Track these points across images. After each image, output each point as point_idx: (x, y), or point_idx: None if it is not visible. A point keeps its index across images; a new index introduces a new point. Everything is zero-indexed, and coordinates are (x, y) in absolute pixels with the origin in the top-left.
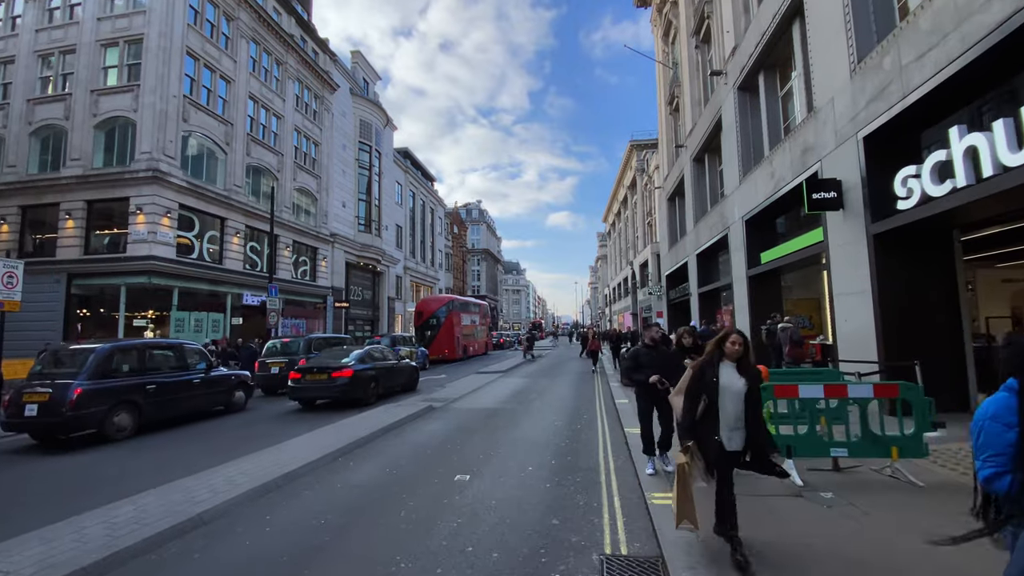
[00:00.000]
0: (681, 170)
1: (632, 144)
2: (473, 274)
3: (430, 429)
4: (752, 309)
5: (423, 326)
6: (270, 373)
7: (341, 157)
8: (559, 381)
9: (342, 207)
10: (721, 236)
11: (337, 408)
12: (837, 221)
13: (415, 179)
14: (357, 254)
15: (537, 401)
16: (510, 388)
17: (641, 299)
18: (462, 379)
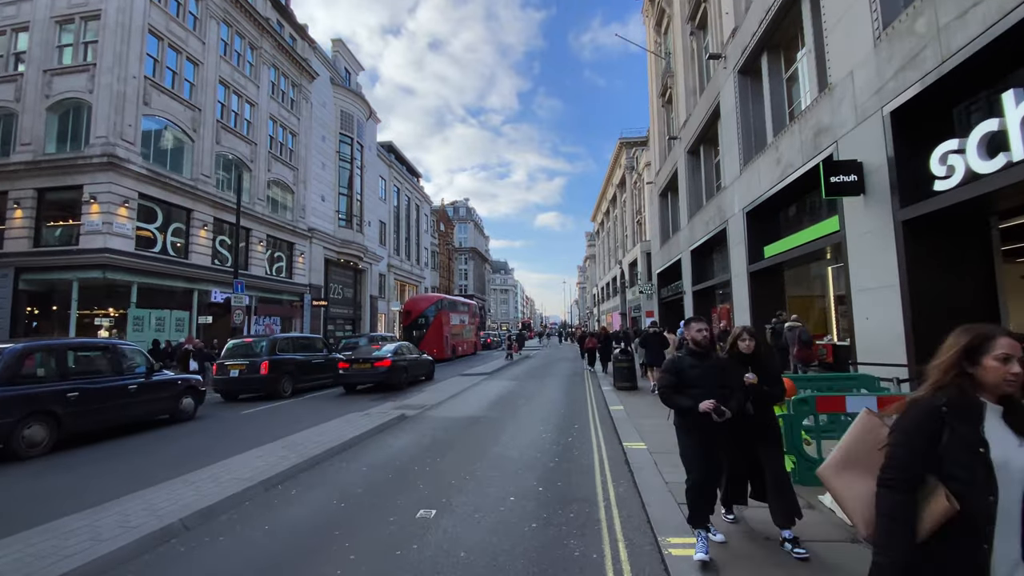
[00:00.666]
0: (674, 164)
1: (622, 142)
2: (460, 273)
3: (398, 445)
4: (753, 307)
5: (411, 325)
6: (229, 376)
7: (321, 149)
8: (548, 384)
9: (321, 201)
10: (718, 230)
11: (300, 417)
12: (857, 208)
13: (400, 174)
14: (337, 250)
15: (524, 407)
16: (495, 392)
17: (630, 298)
18: (444, 381)
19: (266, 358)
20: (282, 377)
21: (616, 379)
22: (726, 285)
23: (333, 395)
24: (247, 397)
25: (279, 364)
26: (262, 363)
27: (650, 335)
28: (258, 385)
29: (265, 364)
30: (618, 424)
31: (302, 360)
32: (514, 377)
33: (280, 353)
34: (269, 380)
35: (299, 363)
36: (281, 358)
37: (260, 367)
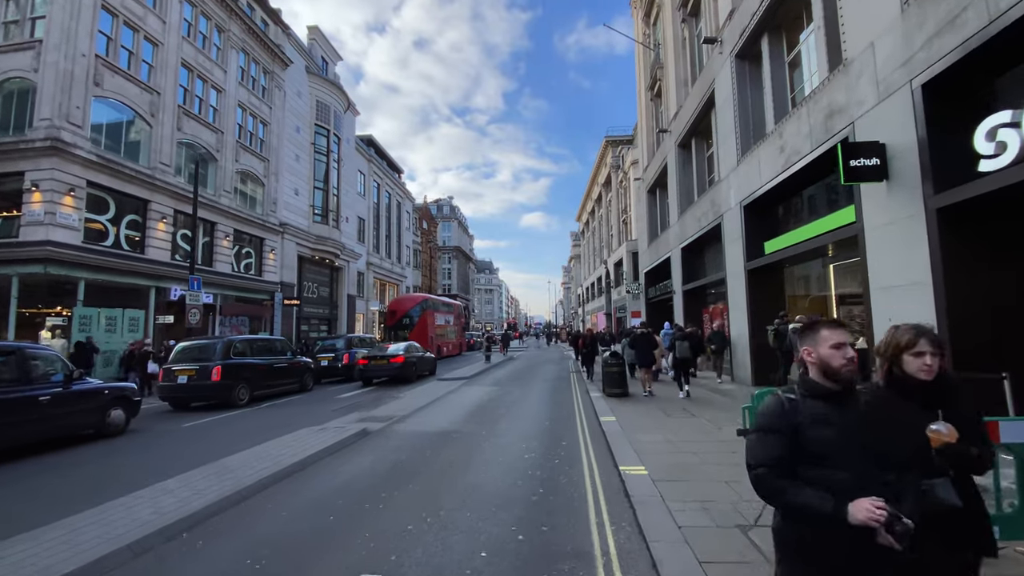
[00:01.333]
0: (664, 158)
1: (607, 140)
2: (444, 272)
3: (350, 471)
4: (752, 308)
5: (396, 325)
6: (176, 383)
7: (295, 140)
8: (532, 389)
9: (295, 195)
10: (712, 226)
11: (248, 432)
12: (878, 196)
13: (380, 169)
14: (312, 247)
15: (504, 419)
16: (474, 400)
17: (615, 299)
18: (419, 386)
19: (219, 363)
20: (238, 384)
21: (606, 385)
22: (719, 284)
23: (296, 403)
24: (199, 406)
25: (234, 369)
26: (214, 368)
27: (639, 335)
28: (209, 393)
29: (218, 369)
30: (612, 441)
31: (262, 364)
32: (496, 382)
33: (236, 357)
34: (222, 387)
35: (258, 368)
36: (237, 362)
37: (212, 372)
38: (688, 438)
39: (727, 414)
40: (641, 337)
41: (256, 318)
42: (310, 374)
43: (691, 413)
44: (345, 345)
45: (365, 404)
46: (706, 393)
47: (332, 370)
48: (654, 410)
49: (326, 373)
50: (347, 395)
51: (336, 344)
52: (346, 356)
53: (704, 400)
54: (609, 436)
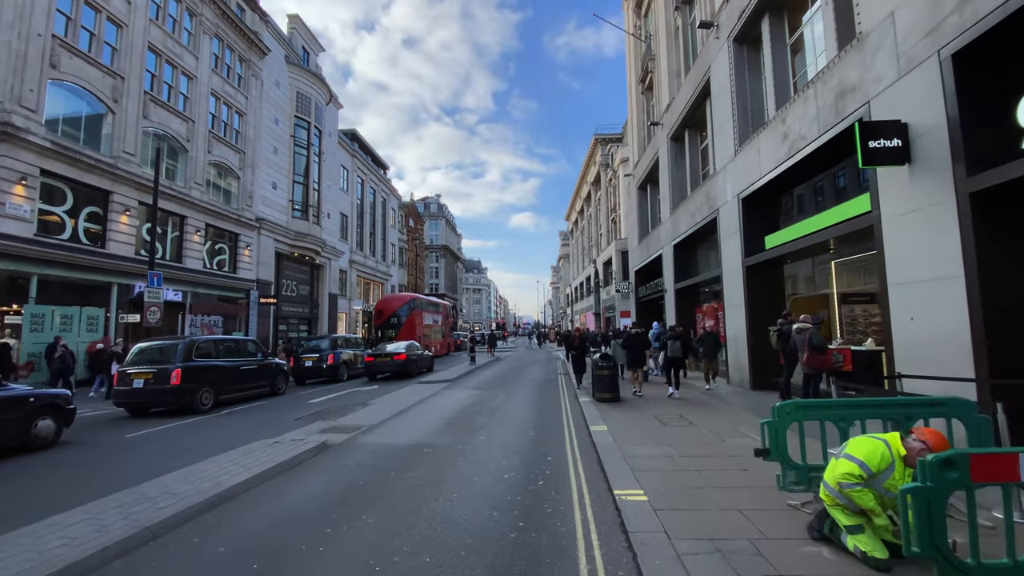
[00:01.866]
0: (655, 152)
1: (597, 138)
2: (431, 271)
3: (295, 498)
4: (750, 306)
5: (383, 325)
6: (132, 387)
7: (273, 132)
8: (516, 394)
9: (272, 189)
10: (707, 221)
11: (195, 445)
12: (899, 181)
13: (364, 164)
14: (290, 243)
15: (484, 429)
16: (453, 406)
17: (604, 298)
18: (397, 391)
19: (179, 365)
20: (200, 388)
21: (596, 389)
22: (714, 282)
23: (262, 409)
24: (158, 412)
25: (196, 372)
26: (173, 371)
27: (632, 335)
28: (168, 397)
29: (177, 372)
30: (604, 456)
31: (227, 367)
32: (478, 385)
33: (199, 359)
34: (181, 391)
35: (223, 370)
36: (199, 365)
37: (171, 376)
38: (689, 451)
39: (727, 422)
40: (635, 337)
41: (230, 317)
42: (283, 377)
43: (688, 421)
44: (330, 345)
45: (335, 410)
46: (701, 397)
47: (317, 371)
48: (648, 417)
49: (311, 374)
50: (318, 400)
51: (321, 345)
52: (331, 356)
53: (700, 405)
54: (601, 450)
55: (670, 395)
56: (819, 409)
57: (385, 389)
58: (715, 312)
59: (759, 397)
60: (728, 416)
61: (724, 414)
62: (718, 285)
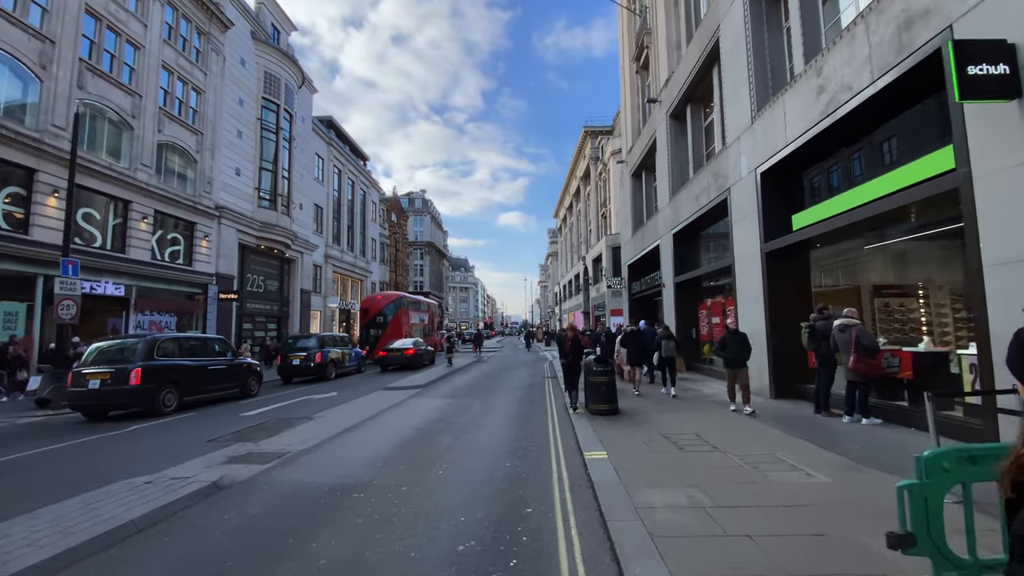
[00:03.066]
0: (652, 134)
1: (586, 130)
2: (415, 269)
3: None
4: (771, 299)
5: (369, 324)
6: (87, 388)
7: (237, 114)
8: (495, 404)
9: (235, 175)
10: (715, 204)
11: (82, 472)
12: (999, 125)
13: (341, 154)
14: (256, 235)
15: (446, 457)
16: (413, 422)
17: (594, 296)
18: (356, 400)
19: (139, 364)
20: (162, 388)
21: (590, 400)
22: (724, 273)
23: (203, 417)
24: (119, 415)
25: (158, 372)
26: (133, 371)
27: (629, 333)
28: (127, 399)
29: (137, 372)
30: (608, 507)
31: (193, 367)
32: (452, 393)
33: (161, 358)
34: (142, 393)
35: (188, 370)
36: (162, 364)
37: (130, 376)
38: (726, 497)
39: (758, 444)
40: (632, 335)
41: (185, 315)
42: (255, 378)
43: (709, 443)
44: (318, 344)
45: (270, 426)
46: (709, 405)
47: (304, 369)
48: (656, 437)
49: (297, 372)
50: (258, 412)
51: (309, 344)
52: (319, 355)
53: (715, 418)
54: (602, 495)
55: (672, 396)
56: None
57: (345, 396)
58: (723, 307)
59: (784, 408)
60: (755, 434)
61: (750, 432)
62: (728, 277)
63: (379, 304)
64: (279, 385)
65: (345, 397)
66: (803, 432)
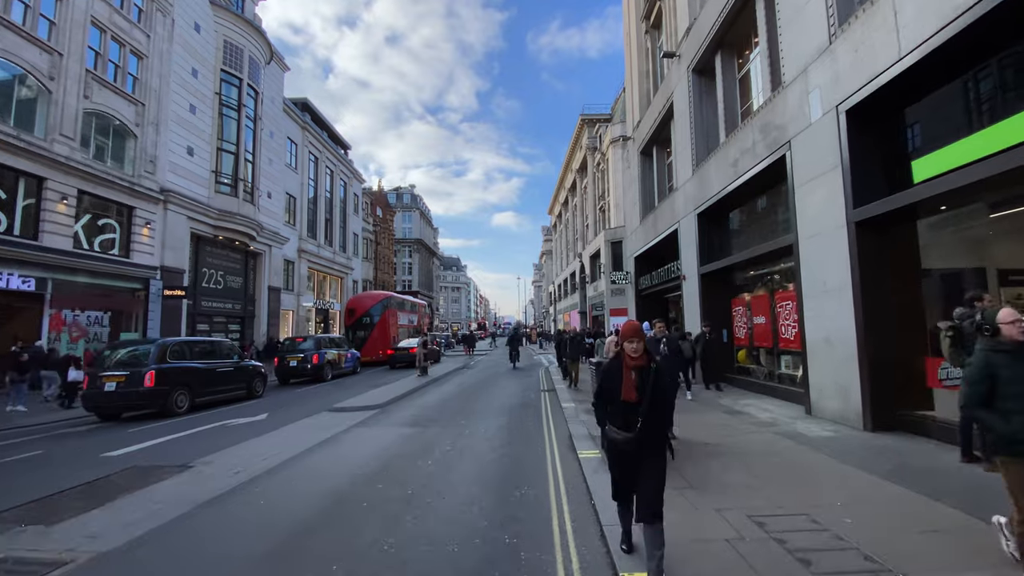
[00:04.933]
0: (667, 99)
1: (583, 118)
2: (404, 267)
3: None
4: (864, 290)
5: (355, 325)
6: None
7: (189, 86)
8: (471, 437)
9: (188, 155)
10: (764, 166)
11: None
12: None
13: (318, 140)
14: (213, 224)
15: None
16: (339, 480)
17: (591, 295)
18: (278, 432)
19: (153, 367)
20: (175, 390)
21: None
22: (774, 259)
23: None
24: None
25: (171, 374)
26: (147, 372)
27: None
28: (143, 400)
29: (151, 374)
30: None
31: (204, 369)
32: (415, 419)
33: (173, 360)
34: (157, 394)
35: (200, 372)
36: (175, 366)
37: (145, 377)
38: None
39: (875, 514)
40: (655, 342)
41: (120, 313)
42: (260, 379)
43: (862, 553)
44: (314, 346)
45: (106, 488)
46: (792, 450)
47: (301, 371)
48: (745, 525)
49: (294, 374)
50: (134, 448)
51: (305, 345)
52: (315, 357)
53: (776, 459)
54: None
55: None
56: None
57: (275, 420)
58: (769, 303)
59: (893, 448)
60: (855, 494)
61: (846, 487)
62: (781, 263)
63: (365, 304)
64: (275, 386)
65: (273, 423)
66: (929, 488)
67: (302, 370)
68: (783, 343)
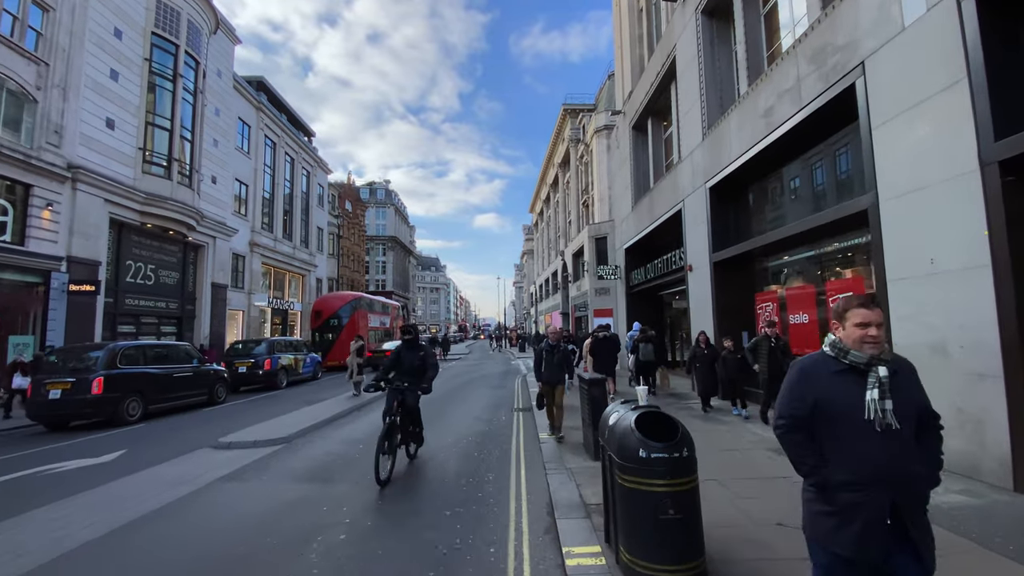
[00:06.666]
0: (667, 57)
1: (566, 108)
2: (378, 265)
3: None
4: (1016, 272)
5: (322, 327)
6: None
7: (110, 47)
8: (394, 516)
9: (108, 129)
10: (819, 104)
11: None
12: None
13: (277, 124)
14: (140, 209)
15: None
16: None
17: (574, 295)
18: (108, 486)
19: (101, 373)
20: (127, 397)
21: (632, 538)
22: (823, 235)
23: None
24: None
25: (122, 380)
26: (95, 379)
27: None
28: (89, 409)
29: (99, 380)
30: None
31: (159, 374)
32: (321, 468)
33: (125, 366)
34: (106, 402)
35: (155, 378)
36: (126, 372)
37: (92, 385)
38: None
39: None
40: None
41: (12, 312)
42: (223, 384)
43: None
44: (267, 350)
45: None
46: None
47: (251, 377)
48: None
49: (244, 380)
50: None
51: (257, 349)
52: (268, 362)
53: None
54: None
55: None
56: None
57: (128, 462)
58: (814, 296)
59: None
60: None
61: None
62: (837, 240)
63: (333, 306)
64: None
65: (122, 467)
66: None
67: (252, 376)
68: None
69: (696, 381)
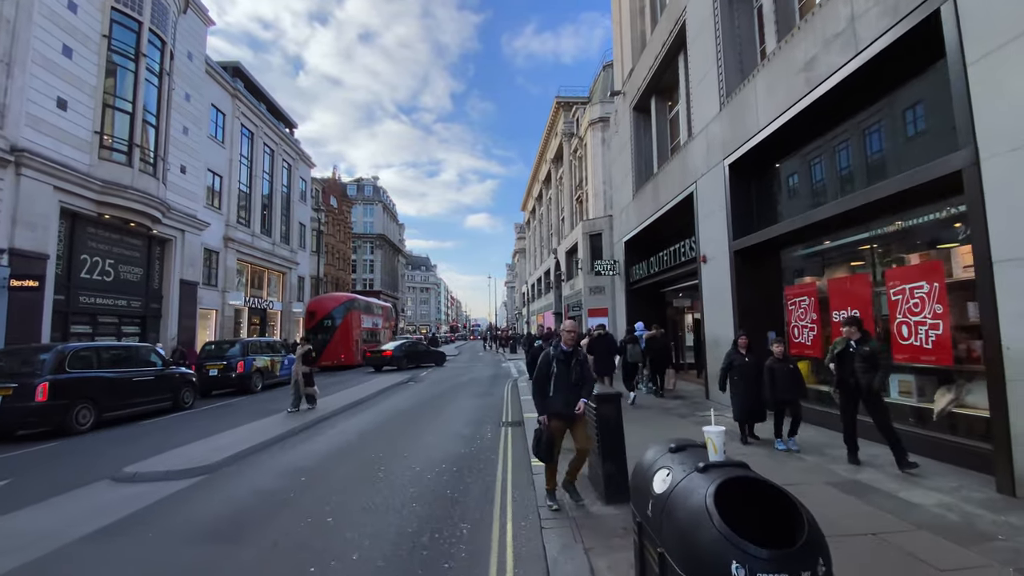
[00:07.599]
0: (674, 23)
1: (559, 101)
2: (365, 264)
3: None
4: None
5: (315, 328)
6: None
7: (62, 21)
8: (341, 556)
9: (59, 109)
10: (889, 40)
11: None
12: None
13: (255, 113)
14: (97, 198)
15: None
16: None
17: (567, 294)
18: None
19: (47, 378)
20: (76, 404)
21: None
22: (885, 211)
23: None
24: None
25: (71, 386)
26: (39, 385)
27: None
28: (33, 418)
29: (44, 386)
30: None
31: (115, 378)
32: (242, 511)
33: (74, 370)
34: (51, 410)
35: (110, 383)
36: (75, 377)
37: (36, 391)
38: None
39: None
40: None
41: None
42: (190, 389)
43: None
44: (240, 351)
45: None
46: None
47: (223, 381)
48: None
49: (216, 384)
50: None
51: (231, 351)
52: (240, 364)
53: None
54: None
55: None
56: None
57: (16, 492)
58: (869, 287)
59: None
60: None
61: None
62: (898, 220)
63: (327, 307)
64: None
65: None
66: None
67: (225, 380)
68: (907, 352)
69: (733, 400)
